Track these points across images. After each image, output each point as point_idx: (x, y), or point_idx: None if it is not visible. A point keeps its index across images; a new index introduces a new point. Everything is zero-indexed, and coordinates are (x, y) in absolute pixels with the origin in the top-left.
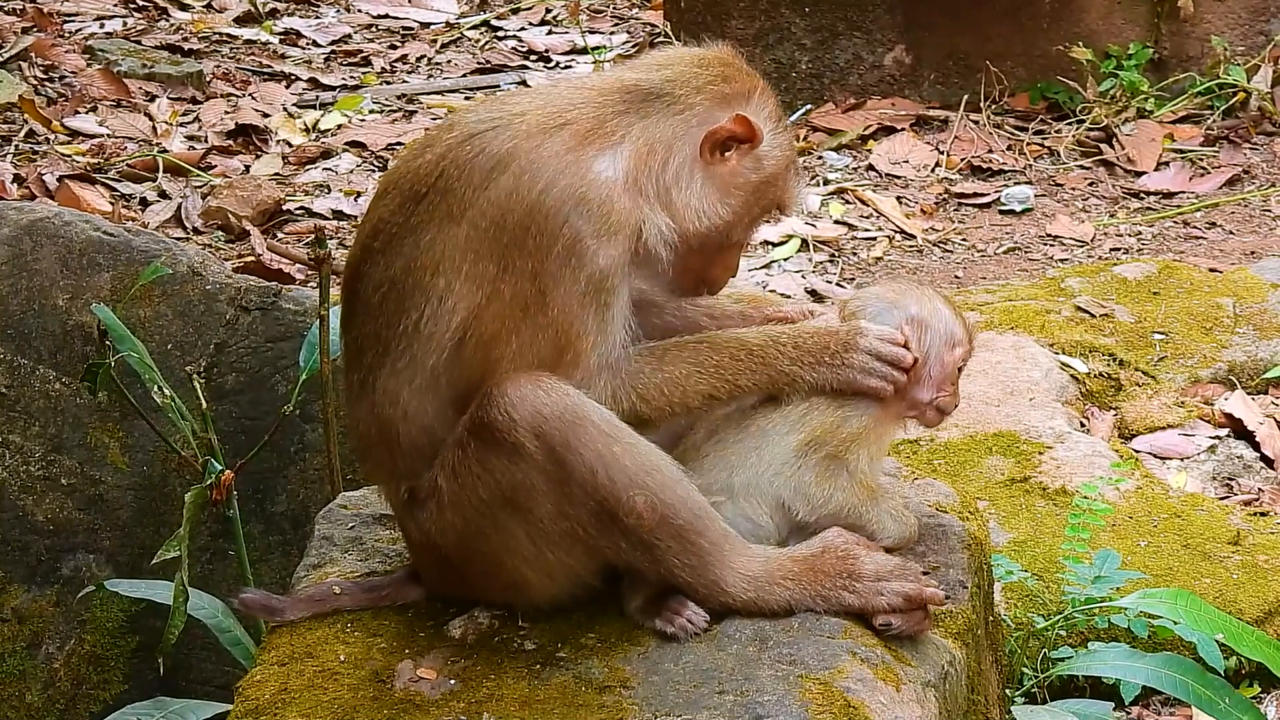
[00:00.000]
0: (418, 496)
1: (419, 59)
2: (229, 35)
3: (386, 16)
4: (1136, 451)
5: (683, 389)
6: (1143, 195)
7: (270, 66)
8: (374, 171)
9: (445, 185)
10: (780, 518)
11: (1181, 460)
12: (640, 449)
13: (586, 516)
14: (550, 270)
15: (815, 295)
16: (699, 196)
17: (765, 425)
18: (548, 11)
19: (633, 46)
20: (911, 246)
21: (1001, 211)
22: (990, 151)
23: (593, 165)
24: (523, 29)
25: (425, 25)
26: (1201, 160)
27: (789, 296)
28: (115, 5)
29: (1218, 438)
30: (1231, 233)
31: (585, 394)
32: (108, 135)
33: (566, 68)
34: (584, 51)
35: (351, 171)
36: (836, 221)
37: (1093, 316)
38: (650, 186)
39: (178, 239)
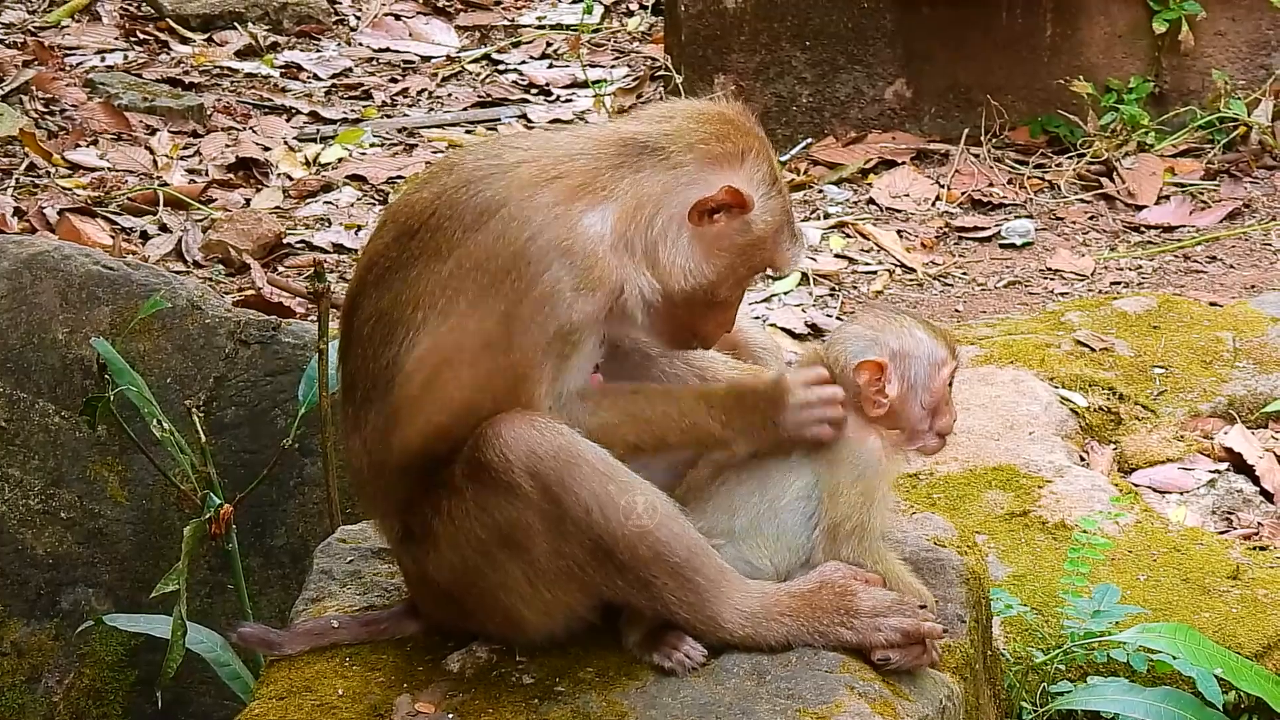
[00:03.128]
0: (413, 534)
1: (420, 92)
2: (230, 69)
3: (387, 50)
4: (1136, 485)
5: (610, 436)
6: (1143, 229)
7: (271, 100)
8: (375, 205)
9: (437, 223)
10: (781, 562)
11: (1181, 494)
12: (634, 486)
13: (583, 554)
14: (522, 315)
15: (816, 329)
16: (684, 255)
17: (769, 466)
18: (548, 45)
19: (633, 80)
20: (912, 280)
21: (1002, 245)
22: (991, 185)
23: (581, 219)
24: (524, 62)
25: (426, 59)
26: (1202, 194)
27: (793, 332)
28: (116, 39)
29: (1217, 472)
30: (1232, 267)
31: None
32: (108, 168)
33: (567, 101)
34: (585, 85)
35: (352, 205)
36: (837, 255)
37: (1093, 350)
38: (638, 243)
39: (178, 272)
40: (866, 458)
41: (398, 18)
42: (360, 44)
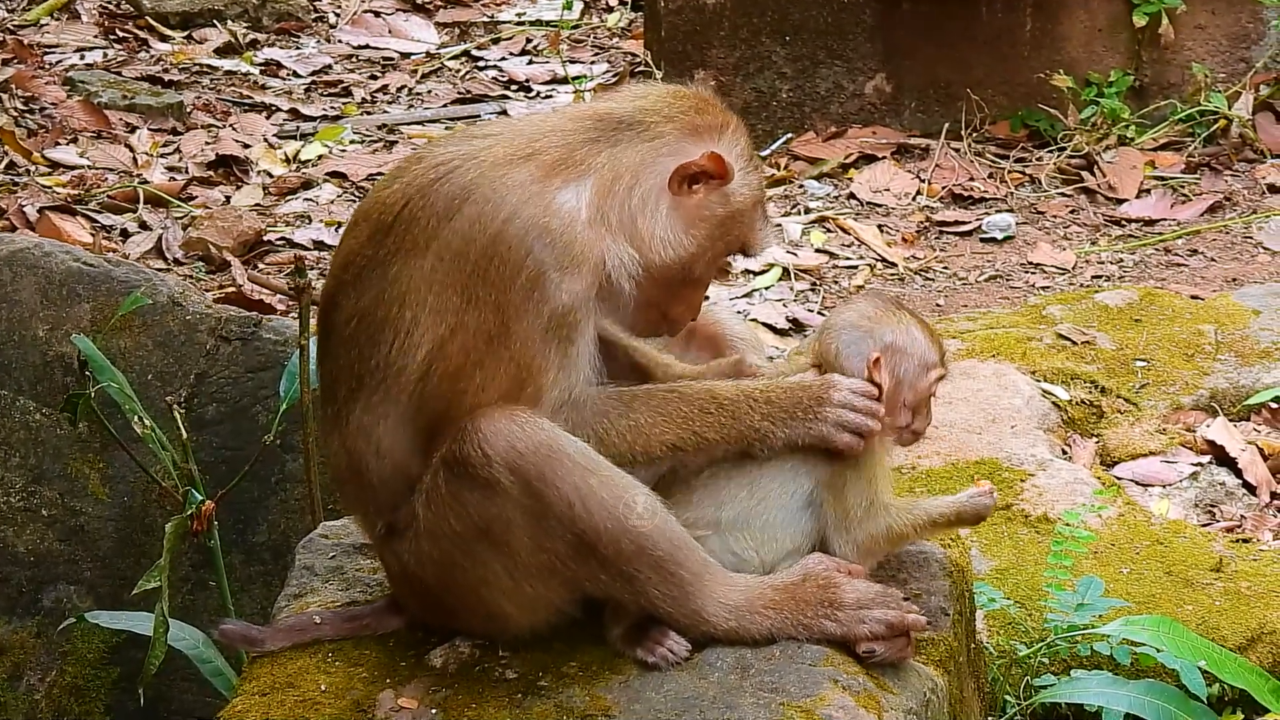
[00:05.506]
0: (395, 530)
1: (399, 89)
2: (209, 66)
3: (367, 47)
4: (1119, 479)
5: (647, 437)
6: (1124, 223)
7: (251, 97)
8: (354, 202)
9: (410, 215)
10: (768, 555)
11: (1164, 487)
12: (618, 481)
13: (564, 549)
14: (514, 302)
15: (797, 324)
16: (663, 225)
17: (763, 467)
18: (528, 41)
19: (613, 76)
20: (893, 275)
21: (983, 239)
22: (971, 179)
23: (557, 196)
24: (503, 59)
25: (406, 55)
26: (1183, 187)
27: (774, 327)
28: (95, 37)
29: (1200, 464)
30: (1213, 260)
31: None
32: (88, 166)
33: (547, 98)
34: (565, 81)
35: (332, 202)
36: (818, 250)
37: (1074, 344)
38: (614, 216)
39: (158, 270)
40: (867, 453)
41: (377, 14)
42: (340, 41)
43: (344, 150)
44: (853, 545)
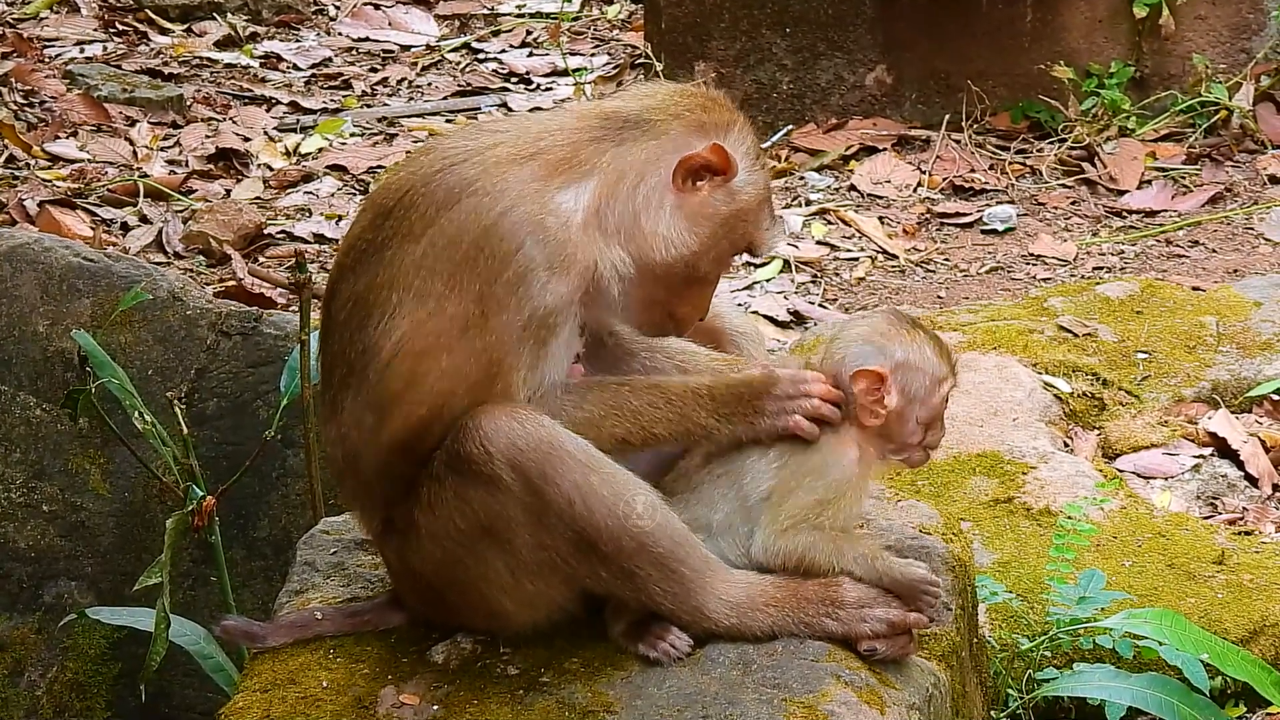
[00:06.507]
0: (394, 526)
1: (400, 82)
2: (209, 59)
3: (367, 39)
4: (1120, 471)
5: (597, 430)
6: (1125, 214)
7: (251, 90)
8: (355, 195)
9: (410, 202)
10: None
11: (1165, 480)
12: (619, 478)
13: (565, 547)
14: (496, 295)
15: (798, 316)
16: (667, 224)
17: (746, 463)
18: (528, 34)
19: (614, 68)
20: (894, 267)
21: (984, 231)
22: (972, 171)
23: (556, 196)
24: (503, 51)
25: (406, 48)
26: (1184, 178)
27: (775, 319)
28: (95, 30)
29: (1202, 457)
30: (1214, 251)
31: None
32: (88, 160)
33: (547, 90)
34: (565, 73)
35: (333, 195)
36: (819, 242)
37: (1076, 336)
38: (613, 218)
39: (159, 264)
40: (837, 471)
41: (377, 7)
42: (340, 33)
43: (344, 143)
44: (760, 549)
